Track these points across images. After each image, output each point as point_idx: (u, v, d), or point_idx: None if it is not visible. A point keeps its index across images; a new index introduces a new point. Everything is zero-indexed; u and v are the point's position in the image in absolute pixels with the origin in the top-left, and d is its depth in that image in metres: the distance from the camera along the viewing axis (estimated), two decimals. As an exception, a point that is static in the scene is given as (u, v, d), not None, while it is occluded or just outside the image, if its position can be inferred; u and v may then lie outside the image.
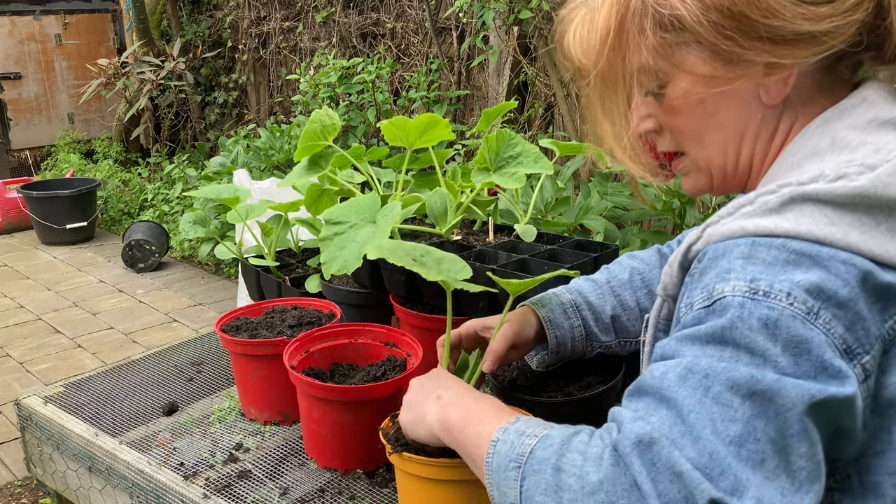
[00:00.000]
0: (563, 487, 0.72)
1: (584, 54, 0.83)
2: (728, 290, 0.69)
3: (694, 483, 0.64)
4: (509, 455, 0.79)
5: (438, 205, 1.61)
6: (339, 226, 1.31)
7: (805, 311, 0.67)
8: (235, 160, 4.61)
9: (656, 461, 0.66)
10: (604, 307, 1.20)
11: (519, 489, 0.76)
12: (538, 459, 0.75)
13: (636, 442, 0.68)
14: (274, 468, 1.32)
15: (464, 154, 3.97)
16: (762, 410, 0.65)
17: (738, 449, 0.65)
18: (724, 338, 0.68)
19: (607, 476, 0.69)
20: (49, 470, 1.60)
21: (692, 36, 0.77)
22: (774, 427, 0.65)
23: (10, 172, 7.29)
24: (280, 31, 6.36)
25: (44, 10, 7.56)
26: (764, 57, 0.75)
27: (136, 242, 5.13)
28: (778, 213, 0.71)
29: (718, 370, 0.67)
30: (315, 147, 1.58)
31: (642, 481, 0.66)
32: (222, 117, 7.04)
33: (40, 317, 4.43)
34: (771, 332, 0.67)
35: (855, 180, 0.70)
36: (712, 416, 0.66)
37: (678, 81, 0.80)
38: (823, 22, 0.73)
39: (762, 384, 0.65)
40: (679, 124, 0.84)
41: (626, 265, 1.24)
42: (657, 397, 0.70)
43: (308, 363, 1.36)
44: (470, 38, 4.42)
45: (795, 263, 0.68)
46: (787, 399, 0.65)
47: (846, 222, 0.69)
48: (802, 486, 0.65)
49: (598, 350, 1.22)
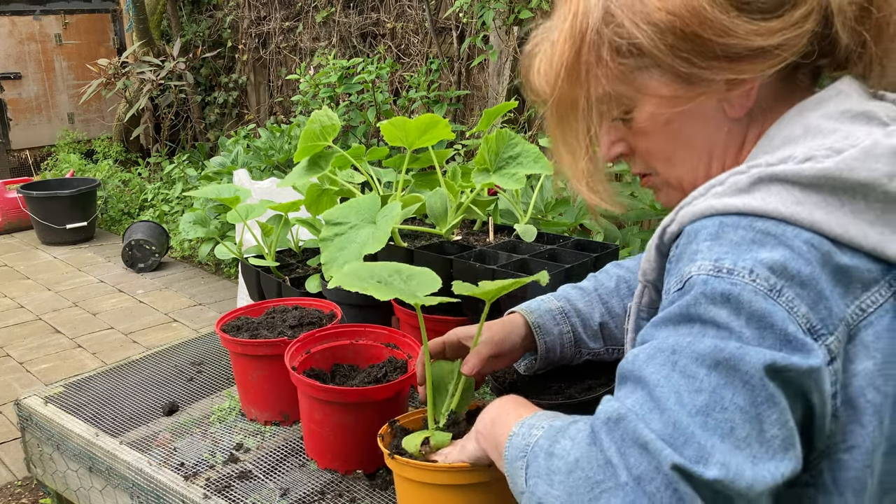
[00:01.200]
0: (554, 470, 0.75)
1: (546, 84, 0.86)
2: (694, 270, 0.71)
3: (658, 451, 0.66)
4: (519, 446, 0.83)
5: (438, 205, 1.61)
6: (339, 226, 1.31)
7: (767, 288, 0.68)
8: (235, 160, 4.61)
9: (625, 436, 0.69)
10: (592, 314, 1.22)
11: (525, 477, 0.80)
12: (539, 447, 0.79)
13: (605, 419, 0.71)
14: (274, 469, 1.32)
15: (464, 154, 3.97)
16: (728, 380, 0.67)
17: (704, 418, 0.66)
18: (690, 315, 0.70)
19: (583, 454, 0.72)
20: (49, 470, 1.60)
21: (651, 60, 0.79)
22: (742, 396, 0.66)
23: (10, 172, 7.30)
24: (280, 31, 6.36)
25: (44, 10, 7.56)
26: (722, 74, 0.77)
27: (136, 242, 5.13)
28: (747, 193, 0.73)
29: (684, 345, 0.69)
30: (315, 147, 1.58)
31: (611, 455, 0.69)
32: (222, 117, 7.04)
33: (40, 317, 4.43)
34: (734, 307, 0.68)
35: (822, 162, 0.72)
36: (678, 389, 0.68)
37: (643, 105, 0.83)
38: (775, 36, 0.75)
39: (725, 353, 0.67)
40: (648, 146, 0.87)
41: (612, 274, 1.26)
42: (633, 380, 0.72)
43: (309, 364, 1.36)
44: (470, 38, 4.42)
45: (760, 242, 0.70)
46: (750, 365, 0.66)
47: (812, 202, 0.71)
48: (777, 453, 0.66)
49: (587, 357, 1.23)
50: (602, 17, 0.80)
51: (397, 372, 1.30)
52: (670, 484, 0.65)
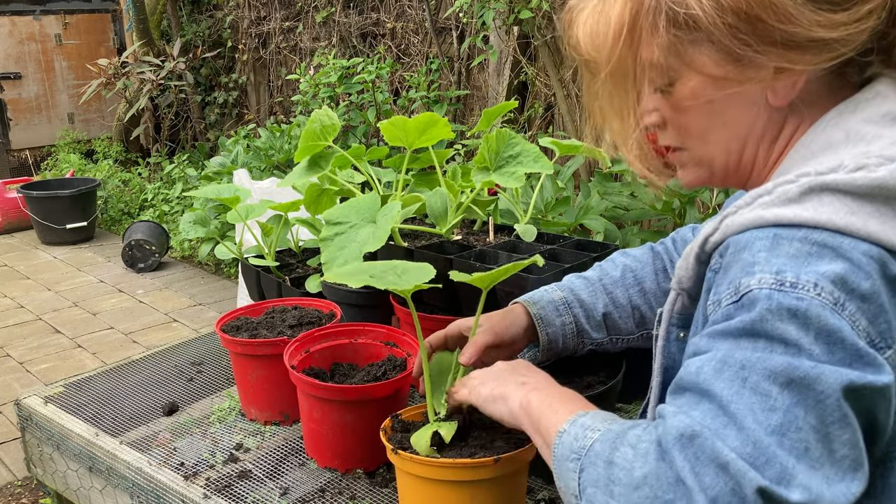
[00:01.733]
0: (614, 481, 0.72)
1: (594, 47, 0.83)
2: (754, 283, 0.69)
3: (741, 473, 0.64)
4: (572, 447, 0.80)
5: (438, 205, 1.61)
6: (339, 226, 1.31)
7: (833, 302, 0.67)
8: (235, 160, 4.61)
9: (700, 454, 0.66)
10: (595, 305, 1.21)
11: (578, 481, 0.77)
12: (595, 453, 0.76)
13: (678, 436, 0.68)
14: (274, 468, 1.32)
15: (464, 154, 3.97)
16: (801, 398, 0.65)
17: (780, 438, 0.64)
18: (756, 330, 0.68)
19: (651, 471, 0.69)
20: (49, 470, 1.60)
21: (705, 35, 0.77)
22: (815, 415, 0.65)
23: (10, 172, 7.29)
24: (280, 31, 6.35)
25: (44, 10, 7.56)
26: (775, 61, 0.75)
27: (136, 242, 5.13)
28: (797, 203, 0.71)
29: (754, 360, 0.67)
30: (315, 147, 1.58)
31: (686, 475, 0.66)
32: (222, 117, 7.04)
33: (40, 317, 4.43)
34: (802, 322, 0.66)
35: (875, 171, 0.70)
36: (752, 406, 0.65)
37: (687, 80, 0.80)
38: (838, 29, 0.73)
39: (799, 371, 0.65)
40: (685, 121, 0.84)
41: (618, 263, 1.25)
42: (696, 392, 0.70)
43: (308, 363, 1.36)
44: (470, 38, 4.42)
45: (818, 255, 0.68)
46: (826, 385, 0.65)
47: (865, 212, 0.69)
48: (847, 473, 0.65)
49: (590, 347, 1.22)
50: None
51: (396, 370, 1.30)
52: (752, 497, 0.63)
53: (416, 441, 1.04)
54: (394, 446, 1.05)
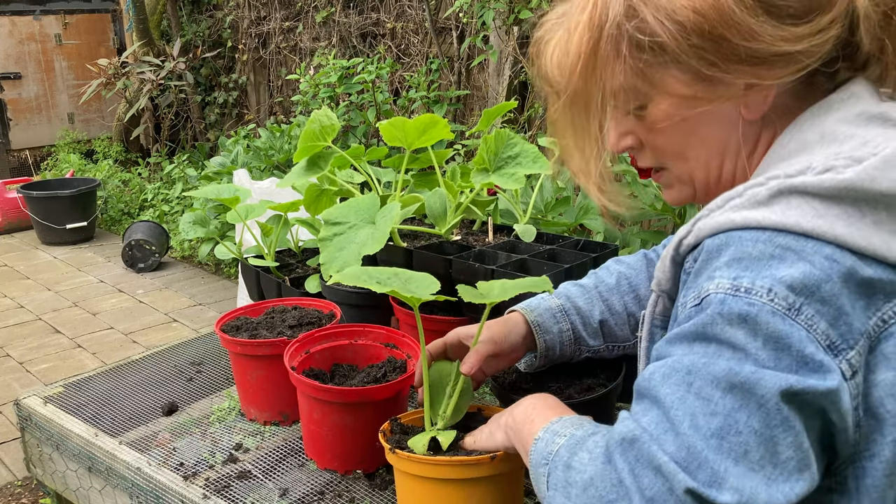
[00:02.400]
0: (571, 483, 0.76)
1: (561, 77, 0.84)
2: (712, 287, 0.71)
3: (671, 474, 0.67)
4: (542, 453, 0.84)
5: (438, 205, 1.60)
6: (338, 226, 1.31)
7: (786, 308, 0.67)
8: (235, 160, 4.61)
9: (639, 457, 0.70)
10: (592, 312, 1.21)
11: (546, 484, 0.81)
12: (559, 457, 0.80)
13: (620, 440, 0.72)
14: (274, 469, 1.32)
15: (463, 154, 3.97)
16: (743, 403, 0.67)
17: (719, 441, 0.66)
18: (706, 334, 0.70)
19: (597, 473, 0.73)
20: (49, 470, 1.60)
21: (672, 58, 0.77)
22: (757, 419, 0.66)
23: (10, 172, 7.29)
24: (280, 31, 6.36)
25: (44, 10, 7.56)
26: (744, 78, 0.76)
27: (136, 242, 5.13)
28: (766, 206, 0.72)
29: (699, 366, 0.69)
30: (314, 147, 1.58)
31: (624, 476, 0.70)
32: (222, 117, 7.04)
33: (40, 317, 4.43)
34: (751, 328, 0.68)
35: (842, 173, 0.70)
36: (693, 412, 0.68)
37: (659, 102, 0.81)
38: (801, 42, 0.74)
39: (740, 376, 0.67)
40: (661, 142, 0.85)
41: (613, 270, 1.25)
42: (649, 398, 0.73)
43: (308, 364, 1.36)
44: (470, 38, 4.42)
45: (780, 258, 0.69)
46: (766, 389, 0.66)
47: (833, 214, 0.69)
48: (791, 475, 0.66)
49: (587, 354, 1.23)
50: (624, 10, 0.78)
51: (396, 372, 1.30)
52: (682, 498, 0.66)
53: (414, 444, 1.05)
54: (392, 446, 1.05)
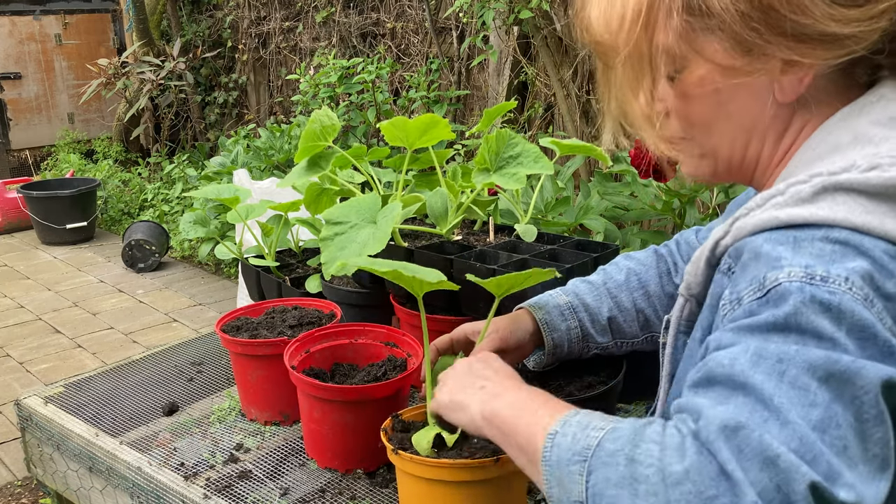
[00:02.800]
0: (640, 479, 0.66)
1: (608, 30, 0.82)
2: (783, 276, 0.67)
3: (793, 467, 0.61)
4: (572, 448, 0.73)
5: (439, 205, 1.60)
6: (339, 226, 1.31)
7: (864, 297, 0.66)
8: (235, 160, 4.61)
9: (744, 447, 0.62)
10: (600, 309, 1.21)
11: (584, 484, 0.70)
12: (608, 452, 0.70)
13: (721, 427, 0.64)
14: (274, 468, 1.32)
15: (464, 154, 3.97)
16: (839, 394, 0.63)
17: (821, 434, 0.62)
18: (788, 324, 0.66)
19: (692, 465, 0.64)
20: (49, 470, 1.60)
21: (717, 22, 0.76)
22: (852, 412, 0.63)
23: (10, 172, 7.29)
24: (280, 31, 6.35)
25: (44, 10, 7.55)
26: (785, 53, 0.74)
27: (136, 242, 5.13)
28: (811, 203, 0.70)
29: (791, 353, 0.64)
30: (315, 147, 1.58)
31: (732, 469, 0.62)
32: (222, 117, 7.03)
33: (40, 317, 4.43)
34: (835, 316, 0.65)
35: (888, 171, 0.70)
36: (792, 401, 0.63)
37: (695, 68, 0.79)
38: (850, 25, 0.73)
39: (839, 365, 0.63)
40: (690, 111, 0.83)
41: (622, 266, 1.25)
42: (730, 385, 0.66)
43: (308, 363, 1.36)
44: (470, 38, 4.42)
45: (842, 253, 0.67)
46: (866, 380, 0.63)
47: (881, 211, 0.68)
48: (877, 473, 0.63)
49: (595, 351, 1.23)
50: None
51: (397, 370, 1.30)
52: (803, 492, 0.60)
53: (418, 441, 1.04)
54: (394, 446, 1.05)
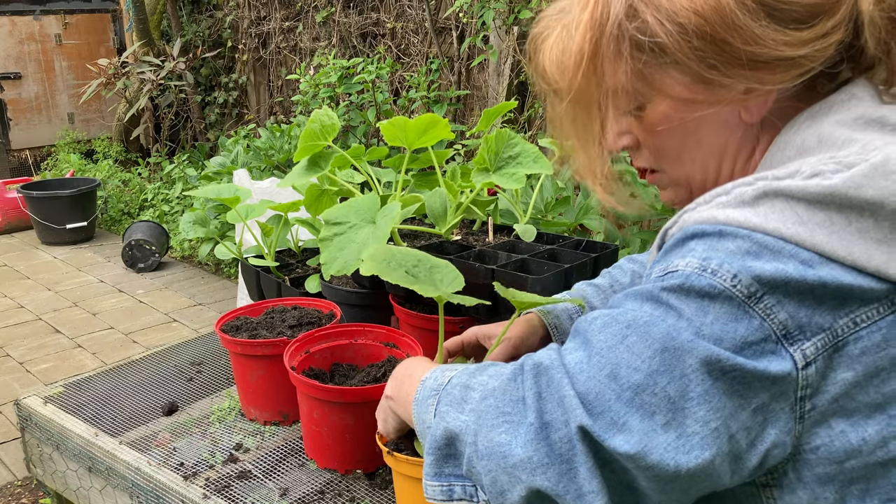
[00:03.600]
0: (466, 399, 0.80)
1: (560, 75, 0.82)
2: (682, 264, 0.71)
3: (571, 409, 0.70)
4: (431, 387, 0.88)
5: (438, 205, 1.60)
6: (338, 226, 1.31)
7: (746, 295, 0.67)
8: (235, 160, 4.61)
9: (549, 384, 0.73)
10: None
11: (434, 410, 0.84)
12: (452, 384, 0.85)
13: (535, 364, 0.76)
14: (274, 468, 1.32)
15: (464, 154, 3.97)
16: (668, 367, 0.68)
17: (632, 395, 0.68)
18: (660, 297, 0.71)
19: (501, 384, 0.78)
20: (49, 470, 1.60)
21: (672, 60, 0.76)
22: (676, 387, 0.67)
23: (10, 172, 7.29)
24: (280, 31, 6.36)
25: (44, 10, 7.56)
26: (745, 82, 0.75)
27: (136, 242, 5.13)
28: (750, 206, 0.71)
29: (640, 322, 0.70)
30: (315, 147, 1.58)
31: (528, 396, 0.73)
32: (222, 117, 7.04)
33: (40, 317, 4.43)
34: (704, 303, 0.68)
35: (829, 178, 0.69)
36: (618, 362, 0.69)
37: (657, 104, 0.80)
38: (805, 47, 0.73)
39: (676, 341, 0.68)
40: (658, 144, 0.84)
41: (626, 269, 1.26)
42: (581, 338, 0.75)
43: (308, 364, 1.36)
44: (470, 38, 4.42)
45: (756, 254, 0.68)
46: (694, 359, 0.67)
47: (816, 221, 0.68)
48: (693, 449, 0.67)
49: None
50: (625, 10, 0.76)
51: (397, 372, 1.30)
52: (572, 440, 0.69)
53: (418, 445, 1.05)
54: (389, 448, 1.05)
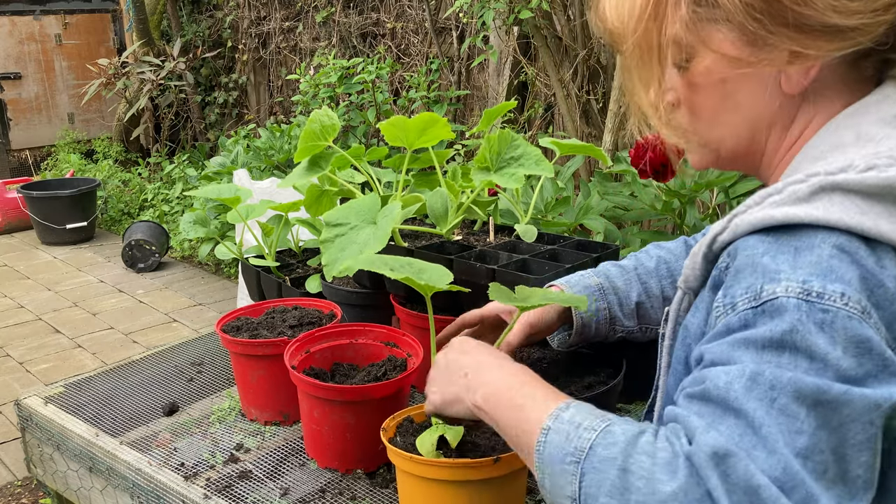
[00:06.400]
0: (631, 490, 0.70)
1: (620, 19, 0.83)
2: (780, 290, 0.68)
3: (772, 498, 0.64)
4: (565, 448, 0.76)
5: (439, 205, 1.60)
6: (339, 227, 1.31)
7: (860, 311, 0.66)
8: (235, 160, 4.61)
9: (731, 473, 0.66)
10: (629, 293, 1.22)
11: (578, 485, 0.74)
12: (600, 458, 0.73)
13: (712, 454, 0.67)
14: (274, 468, 1.32)
15: (464, 154, 3.97)
16: (826, 421, 0.65)
17: (804, 461, 0.65)
18: (783, 342, 0.67)
19: (681, 487, 0.67)
20: (49, 470, 1.60)
21: (723, 13, 0.77)
22: (837, 437, 0.65)
23: (10, 172, 7.29)
24: (280, 31, 6.36)
25: (44, 10, 7.55)
26: (789, 44, 0.75)
27: (136, 242, 5.13)
28: (807, 202, 0.71)
29: (784, 380, 0.66)
30: (315, 147, 1.58)
31: (718, 495, 0.65)
32: (222, 117, 7.04)
33: (40, 317, 4.43)
34: (829, 335, 0.66)
35: (886, 171, 0.70)
36: (781, 429, 0.65)
37: (702, 58, 0.80)
38: (853, 17, 0.73)
39: (829, 395, 0.65)
40: (697, 100, 0.84)
41: (652, 254, 1.26)
42: (723, 406, 0.69)
43: (308, 363, 1.36)
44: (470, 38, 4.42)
45: (839, 258, 0.68)
46: (854, 410, 0.65)
47: (875, 212, 0.69)
48: (857, 493, 0.66)
49: (620, 334, 1.24)
50: None
51: (397, 370, 1.30)
52: None
53: (421, 443, 1.04)
54: (394, 446, 1.05)
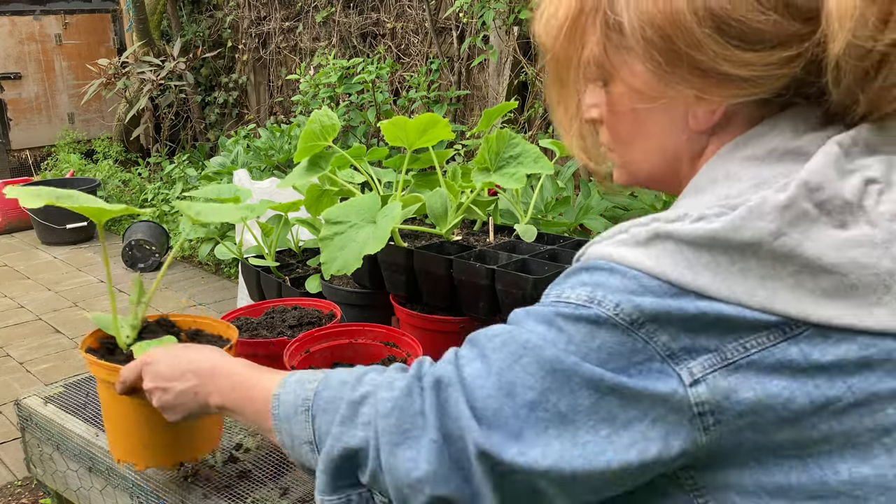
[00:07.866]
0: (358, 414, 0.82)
1: (546, 35, 0.86)
2: (573, 296, 0.74)
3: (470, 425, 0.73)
4: (295, 403, 0.90)
5: (439, 205, 1.61)
6: (339, 225, 1.31)
7: (629, 322, 0.70)
8: (235, 160, 4.61)
9: (449, 399, 0.76)
10: None
11: (313, 426, 0.87)
12: (326, 399, 0.87)
13: (436, 380, 0.78)
14: (274, 468, 1.32)
15: (464, 154, 3.97)
16: (557, 386, 0.71)
17: (528, 412, 0.72)
18: (552, 320, 0.74)
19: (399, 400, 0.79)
20: (49, 470, 1.60)
21: (630, 44, 0.77)
22: (566, 403, 0.71)
23: (10, 172, 7.30)
24: (280, 31, 6.36)
25: (44, 10, 7.56)
26: (686, 88, 0.75)
27: (136, 242, 5.13)
28: (643, 247, 0.73)
29: (533, 345, 0.73)
30: (315, 147, 1.58)
31: (429, 411, 0.76)
32: (222, 117, 7.04)
33: (40, 317, 4.43)
34: (591, 331, 0.71)
35: (712, 222, 0.70)
36: (514, 380, 0.73)
37: (616, 85, 0.82)
38: (745, 68, 0.72)
39: (564, 364, 0.71)
40: (614, 123, 0.86)
41: None
42: (479, 350, 0.77)
43: (308, 363, 1.36)
44: (470, 38, 4.42)
45: (640, 293, 0.71)
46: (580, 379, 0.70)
47: (702, 263, 0.70)
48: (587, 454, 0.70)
49: None
50: None
51: (397, 372, 1.30)
52: (472, 453, 0.73)
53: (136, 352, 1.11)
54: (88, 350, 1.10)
